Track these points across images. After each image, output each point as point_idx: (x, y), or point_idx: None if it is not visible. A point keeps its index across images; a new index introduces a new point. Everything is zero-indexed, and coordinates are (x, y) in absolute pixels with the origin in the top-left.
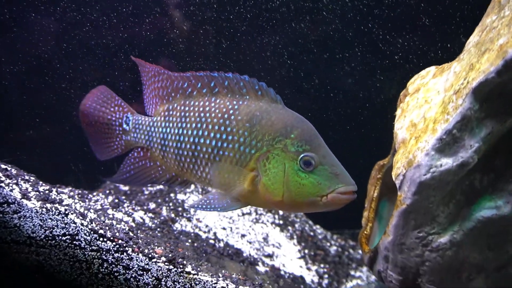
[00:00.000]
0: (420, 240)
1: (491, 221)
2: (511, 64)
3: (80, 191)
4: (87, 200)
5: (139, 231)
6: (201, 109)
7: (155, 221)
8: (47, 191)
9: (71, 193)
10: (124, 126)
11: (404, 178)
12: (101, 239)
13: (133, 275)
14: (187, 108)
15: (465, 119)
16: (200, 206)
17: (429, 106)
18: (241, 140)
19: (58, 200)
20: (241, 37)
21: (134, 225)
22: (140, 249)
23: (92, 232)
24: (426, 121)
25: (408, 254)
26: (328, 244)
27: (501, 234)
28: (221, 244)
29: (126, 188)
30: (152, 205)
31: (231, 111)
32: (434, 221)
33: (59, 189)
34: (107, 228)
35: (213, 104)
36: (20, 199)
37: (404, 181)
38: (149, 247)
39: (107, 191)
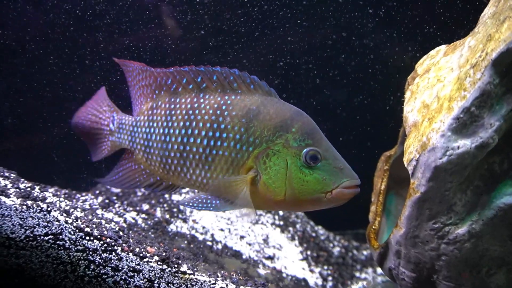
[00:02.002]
0: (436, 232)
1: None
2: None
3: (67, 191)
4: (74, 200)
5: (130, 231)
6: (188, 106)
7: (149, 222)
8: (28, 189)
9: (57, 192)
10: (111, 126)
11: (418, 163)
12: (87, 237)
13: (123, 277)
14: (172, 106)
15: (484, 95)
16: (191, 204)
17: (443, 85)
18: (237, 137)
19: (40, 198)
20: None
21: (125, 226)
22: (131, 248)
23: (77, 231)
24: (440, 100)
25: (423, 248)
26: (331, 245)
27: None
28: (219, 246)
29: (118, 189)
30: (145, 206)
31: (223, 107)
32: (451, 210)
33: (43, 188)
34: (94, 226)
35: (202, 101)
36: None
37: (417, 166)
38: (140, 246)
39: (97, 192)
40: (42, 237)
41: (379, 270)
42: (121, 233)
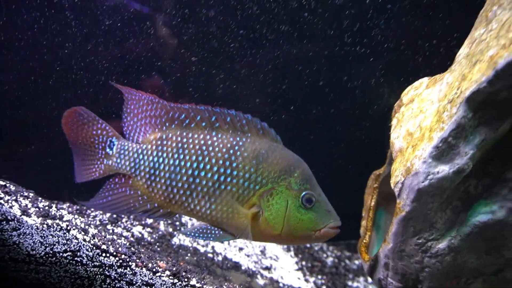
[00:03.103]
0: (420, 247)
1: (487, 226)
2: (502, 74)
3: (78, 207)
4: (85, 216)
5: (139, 246)
6: (202, 142)
7: (154, 235)
8: (47, 207)
9: (70, 209)
10: (107, 150)
11: (403, 185)
12: (103, 254)
13: None
14: (184, 140)
15: (459, 127)
16: (193, 234)
17: (424, 116)
18: (246, 176)
19: (58, 216)
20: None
21: (133, 240)
22: (144, 263)
23: (94, 248)
24: (422, 130)
25: (408, 260)
26: (325, 255)
27: (497, 238)
28: (220, 258)
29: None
30: (149, 220)
31: (236, 147)
32: (433, 227)
33: (58, 205)
34: (109, 243)
35: (215, 139)
36: (20, 215)
37: (403, 188)
38: (152, 261)
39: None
40: (61, 254)
41: (370, 279)
42: (133, 249)
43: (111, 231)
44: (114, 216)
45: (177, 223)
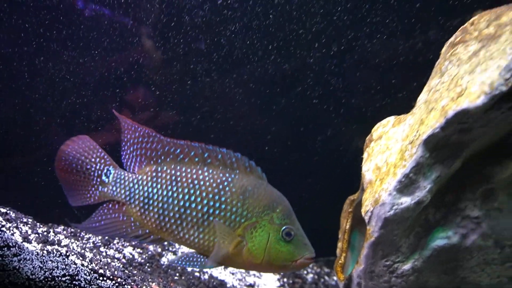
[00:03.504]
0: (387, 268)
1: (444, 249)
2: (451, 122)
3: (72, 230)
4: (80, 238)
5: (131, 267)
6: (194, 176)
7: (144, 256)
8: (45, 233)
9: (65, 232)
10: (103, 178)
11: (372, 214)
12: (101, 278)
13: None
14: (178, 173)
15: (418, 165)
16: (180, 262)
17: (390, 153)
18: (233, 210)
19: (57, 241)
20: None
21: (125, 261)
22: (138, 286)
23: (92, 272)
24: (388, 165)
25: (378, 280)
26: (305, 272)
27: (452, 260)
28: (206, 276)
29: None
30: None
31: (225, 183)
32: (398, 251)
33: (55, 229)
34: (105, 267)
35: (206, 174)
36: (21, 242)
37: (372, 217)
38: (145, 283)
39: None
40: (59, 278)
41: None
42: (127, 271)
43: (104, 253)
44: (106, 238)
45: (166, 243)
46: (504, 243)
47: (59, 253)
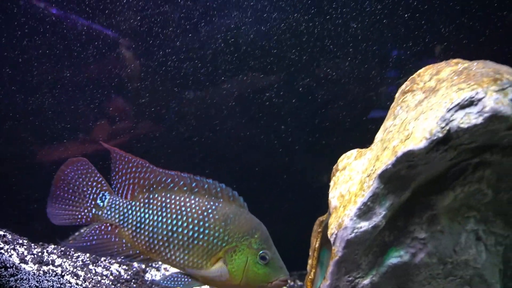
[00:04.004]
0: (350, 283)
1: (397, 267)
2: (400, 160)
3: (62, 248)
4: (69, 257)
5: (119, 284)
6: (182, 203)
7: (129, 272)
8: (40, 253)
9: (55, 251)
10: (98, 201)
11: (336, 236)
12: None
13: None
14: (168, 200)
15: (374, 195)
16: (166, 281)
17: (352, 183)
18: (215, 235)
19: (51, 262)
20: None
21: (113, 278)
22: None
23: None
24: (350, 194)
25: None
26: None
27: (404, 275)
28: None
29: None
30: None
31: (209, 210)
32: (359, 268)
33: (47, 249)
34: (98, 285)
35: (193, 201)
36: (19, 263)
37: (336, 238)
38: None
39: None
40: None
41: None
42: None
43: (93, 271)
44: (93, 256)
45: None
46: (446, 260)
47: (54, 273)
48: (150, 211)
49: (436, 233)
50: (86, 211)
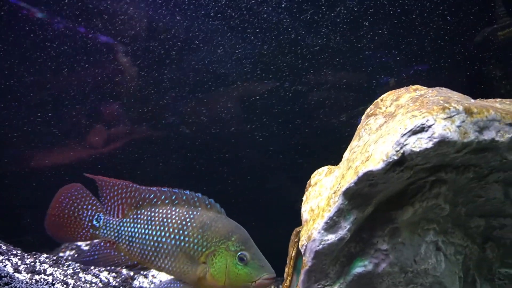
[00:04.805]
0: None
1: (362, 275)
2: (361, 179)
3: (54, 257)
4: (60, 265)
5: None
6: (164, 215)
7: (118, 279)
8: (32, 263)
9: (47, 260)
10: (94, 222)
11: (306, 247)
12: None
13: None
14: (152, 214)
15: (339, 210)
16: None
17: (321, 198)
18: (195, 241)
19: (43, 271)
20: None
21: (102, 286)
22: None
23: None
24: (319, 209)
25: None
26: None
27: (369, 283)
28: None
29: (86, 248)
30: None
31: (188, 219)
32: (327, 277)
33: (40, 259)
34: None
35: (174, 212)
36: (13, 272)
37: (306, 250)
38: None
39: (71, 252)
40: None
41: None
42: None
43: (83, 278)
44: (84, 265)
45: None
46: (407, 269)
47: (46, 281)
48: (139, 226)
49: (398, 244)
50: (84, 231)
